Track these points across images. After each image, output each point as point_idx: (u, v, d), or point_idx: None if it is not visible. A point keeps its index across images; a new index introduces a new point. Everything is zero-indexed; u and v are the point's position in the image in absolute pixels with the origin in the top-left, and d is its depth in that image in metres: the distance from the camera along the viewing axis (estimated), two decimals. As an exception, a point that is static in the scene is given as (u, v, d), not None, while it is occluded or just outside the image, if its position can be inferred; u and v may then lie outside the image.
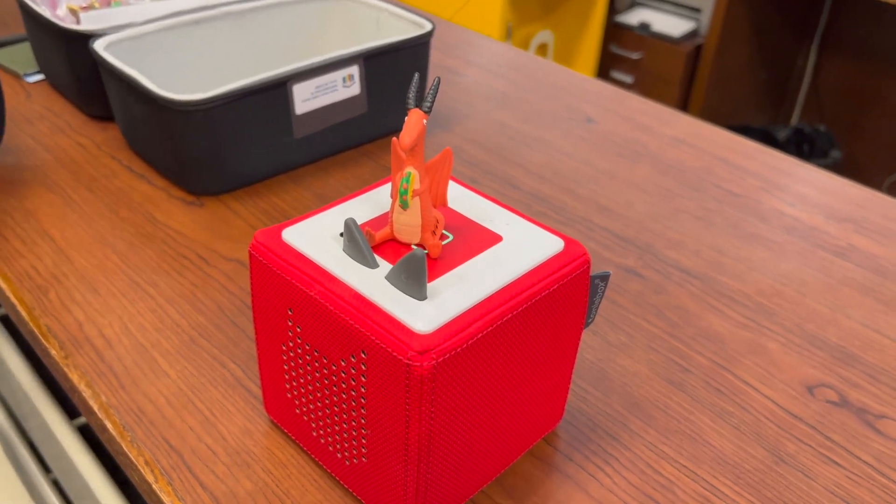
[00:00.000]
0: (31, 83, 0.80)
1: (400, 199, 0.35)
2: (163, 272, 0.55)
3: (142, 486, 0.42)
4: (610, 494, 0.41)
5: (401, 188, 0.35)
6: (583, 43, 2.41)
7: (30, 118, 0.73)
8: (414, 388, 0.33)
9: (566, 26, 2.40)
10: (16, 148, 0.68)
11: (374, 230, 0.38)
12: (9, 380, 0.65)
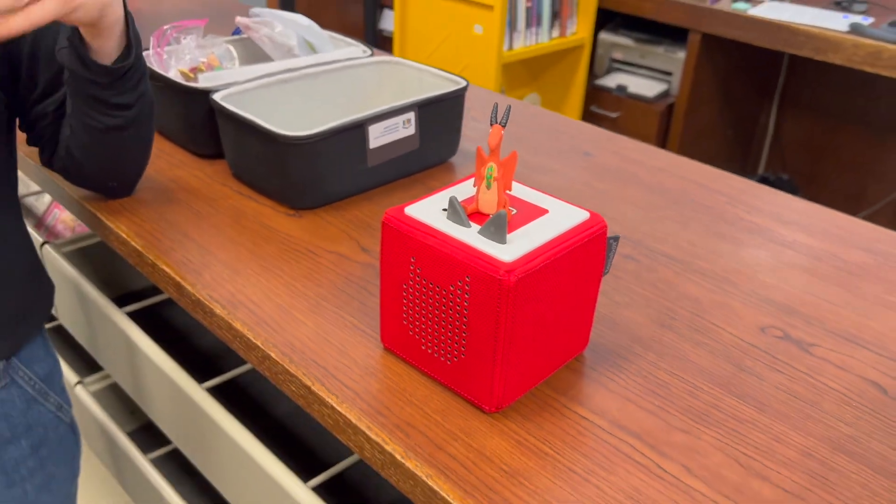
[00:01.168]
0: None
1: (486, 182, 0.55)
2: (284, 261, 0.74)
3: (300, 391, 0.60)
4: (624, 390, 0.60)
5: (487, 175, 0.55)
6: (566, 103, 2.66)
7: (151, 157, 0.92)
8: (503, 297, 0.51)
9: (551, 89, 2.65)
10: (147, 179, 0.87)
11: (465, 206, 0.57)
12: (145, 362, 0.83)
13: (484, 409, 0.57)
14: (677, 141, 2.56)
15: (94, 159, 0.75)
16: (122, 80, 0.69)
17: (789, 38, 2.18)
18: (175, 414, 0.82)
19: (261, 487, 0.71)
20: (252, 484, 0.73)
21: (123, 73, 0.69)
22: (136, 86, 0.72)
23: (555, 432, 0.56)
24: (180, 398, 0.79)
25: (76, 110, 0.71)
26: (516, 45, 2.29)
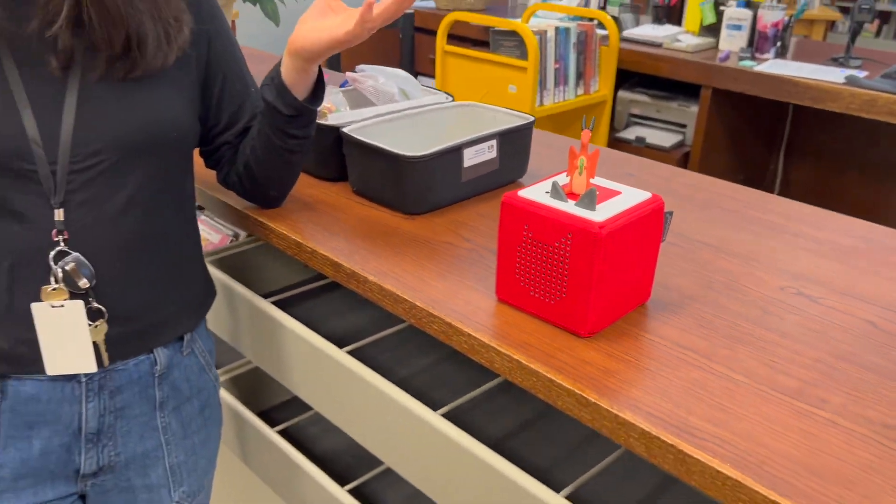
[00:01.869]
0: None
1: (578, 170, 0.78)
2: (409, 248, 0.96)
3: (441, 327, 0.81)
4: (679, 325, 0.81)
5: (579, 164, 0.77)
6: (591, 154, 2.90)
7: (281, 182, 1.16)
8: (597, 247, 0.74)
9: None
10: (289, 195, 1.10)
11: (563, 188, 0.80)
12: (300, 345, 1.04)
13: (580, 334, 0.78)
14: (694, 186, 2.79)
15: (267, 175, 0.99)
16: (307, 115, 0.93)
17: (791, 90, 2.44)
18: (319, 381, 1.03)
19: (398, 427, 0.92)
20: (389, 424, 0.93)
21: (310, 113, 0.93)
22: (312, 122, 0.96)
23: (632, 348, 0.77)
24: (327, 364, 1.00)
25: (265, 136, 0.95)
26: (546, 101, 2.56)
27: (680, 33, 2.91)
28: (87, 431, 0.89)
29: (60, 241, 0.80)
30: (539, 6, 2.92)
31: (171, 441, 0.97)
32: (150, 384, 0.92)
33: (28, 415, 0.86)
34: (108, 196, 0.82)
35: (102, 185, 0.81)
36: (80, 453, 0.89)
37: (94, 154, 0.80)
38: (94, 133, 0.80)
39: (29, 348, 0.83)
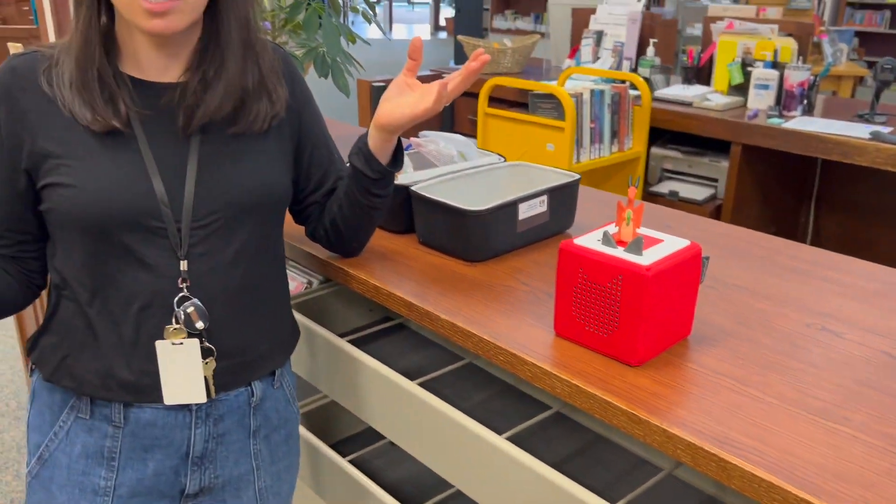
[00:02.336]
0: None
1: (626, 221, 0.90)
2: (474, 291, 1.09)
3: (507, 358, 0.93)
4: (718, 355, 0.92)
5: (627, 217, 0.90)
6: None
7: (354, 234, 1.30)
8: (645, 287, 0.86)
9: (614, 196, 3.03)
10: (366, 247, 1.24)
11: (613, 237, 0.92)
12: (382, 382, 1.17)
13: (630, 363, 0.90)
14: (726, 237, 2.89)
15: (351, 229, 1.13)
16: (388, 178, 1.08)
17: (819, 146, 2.55)
18: (393, 411, 1.15)
19: (466, 451, 1.03)
20: (457, 449, 1.04)
21: (391, 175, 1.08)
22: (391, 183, 1.10)
23: (677, 375, 0.88)
24: (400, 395, 1.12)
25: (352, 196, 1.09)
26: (583, 158, 2.70)
27: (709, 93, 3.05)
28: (194, 455, 1.01)
29: (184, 288, 0.94)
30: (574, 70, 3.09)
31: (261, 466, 1.09)
32: (247, 413, 1.05)
33: (145, 439, 0.99)
34: (221, 248, 0.96)
35: (217, 239, 0.96)
36: (187, 475, 1.02)
37: (212, 213, 0.95)
38: (211, 196, 0.95)
39: (151, 380, 0.96)
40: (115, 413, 0.97)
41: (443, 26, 14.93)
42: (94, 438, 0.98)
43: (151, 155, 0.93)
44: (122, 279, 0.93)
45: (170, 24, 0.88)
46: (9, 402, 2.65)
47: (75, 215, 0.91)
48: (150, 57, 0.94)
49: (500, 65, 3.61)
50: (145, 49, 0.94)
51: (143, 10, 0.86)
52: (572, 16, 3.76)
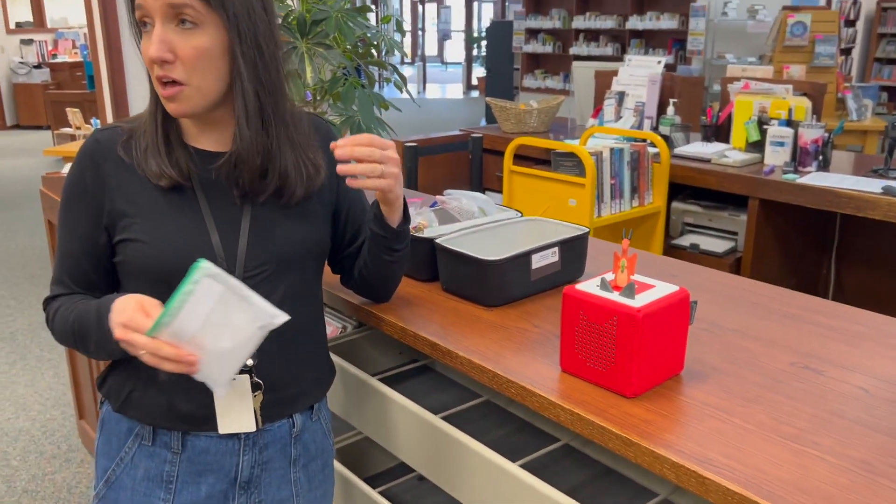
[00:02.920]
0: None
1: (621, 269, 1.03)
2: (490, 332, 1.21)
3: (518, 391, 1.05)
4: (706, 389, 1.03)
5: (621, 265, 1.03)
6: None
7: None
8: (636, 326, 0.98)
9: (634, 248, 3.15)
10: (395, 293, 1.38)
11: (610, 283, 1.05)
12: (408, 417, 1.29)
13: (626, 394, 1.01)
14: (747, 289, 2.98)
15: (377, 279, 1.27)
16: (401, 235, 1.21)
17: (832, 200, 2.65)
18: (420, 443, 1.27)
19: (483, 477, 1.14)
20: (476, 476, 1.16)
21: (404, 232, 1.22)
22: (406, 237, 1.24)
23: (667, 405, 0.99)
24: (427, 428, 1.24)
25: (374, 253, 1.23)
26: (604, 213, 2.83)
27: (727, 150, 3.18)
28: (241, 480, 1.13)
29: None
30: (596, 129, 3.25)
31: (300, 493, 1.21)
32: (288, 443, 1.17)
33: (200, 464, 1.11)
34: (268, 294, 1.10)
35: (265, 287, 1.09)
36: (234, 499, 1.14)
37: (261, 265, 1.09)
38: (261, 250, 1.09)
39: (206, 411, 1.09)
40: (175, 440, 1.10)
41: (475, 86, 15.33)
42: (156, 463, 1.11)
43: (210, 214, 1.08)
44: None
45: (179, 107, 1.01)
46: (60, 444, 2.81)
47: (144, 266, 1.06)
48: (194, 131, 1.10)
49: (526, 124, 3.78)
50: (188, 124, 1.09)
51: (162, 95, 1.02)
52: (596, 77, 3.93)
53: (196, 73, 0.99)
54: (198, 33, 0.98)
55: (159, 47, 0.97)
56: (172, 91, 1.00)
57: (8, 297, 4.26)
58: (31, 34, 10.84)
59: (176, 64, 0.98)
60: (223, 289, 0.90)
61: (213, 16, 0.98)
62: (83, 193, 1.07)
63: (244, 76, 1.02)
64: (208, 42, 0.99)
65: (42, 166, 7.95)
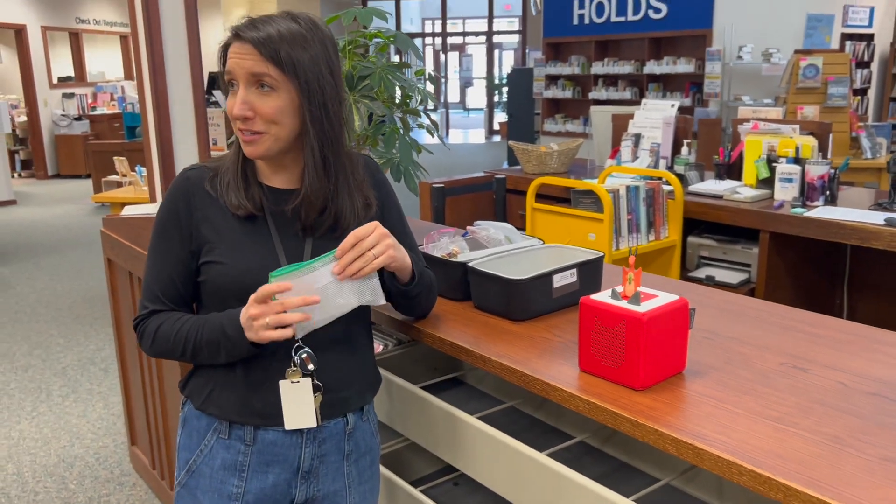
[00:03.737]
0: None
1: (629, 282, 1.21)
2: (516, 342, 1.39)
3: (543, 387, 1.23)
4: (705, 383, 1.20)
5: (629, 278, 1.21)
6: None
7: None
8: (642, 329, 1.16)
9: (650, 281, 3.31)
10: (433, 313, 1.56)
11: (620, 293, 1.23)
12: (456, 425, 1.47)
13: (634, 387, 1.18)
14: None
15: (408, 309, 1.45)
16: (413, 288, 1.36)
17: (838, 232, 2.81)
18: (459, 442, 1.44)
19: (515, 468, 1.31)
20: (510, 467, 1.32)
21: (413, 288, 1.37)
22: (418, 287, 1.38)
23: (670, 396, 1.16)
24: (461, 427, 1.41)
25: (395, 300, 1.40)
26: (622, 246, 3.01)
27: (739, 186, 3.35)
28: (303, 470, 1.31)
29: (299, 340, 1.26)
30: (613, 169, 3.44)
31: (351, 485, 1.38)
32: (342, 439, 1.35)
33: (268, 455, 1.29)
34: None
35: None
36: (296, 487, 1.32)
37: None
38: None
39: (275, 409, 1.27)
40: (248, 434, 1.28)
41: (497, 130, 15.68)
42: (231, 454, 1.29)
43: (280, 242, 1.28)
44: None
45: (256, 150, 1.22)
46: (113, 469, 3.00)
47: (223, 284, 1.26)
48: (267, 171, 1.30)
49: (547, 165, 3.99)
50: (262, 165, 1.30)
51: (242, 140, 1.22)
52: (613, 120, 4.15)
53: (272, 126, 1.20)
54: (274, 96, 1.19)
55: (242, 107, 1.19)
56: (251, 138, 1.21)
57: (57, 336, 4.50)
58: (73, 88, 11.37)
59: (255, 119, 1.20)
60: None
61: (287, 82, 1.19)
62: (176, 222, 1.28)
63: (311, 132, 1.23)
64: (283, 103, 1.20)
65: (83, 213, 8.30)
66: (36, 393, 3.70)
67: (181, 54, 4.14)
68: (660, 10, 8.20)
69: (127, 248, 2.52)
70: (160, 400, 2.52)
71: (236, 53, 1.19)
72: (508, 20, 17.61)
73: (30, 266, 6.11)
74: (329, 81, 1.22)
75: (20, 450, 3.15)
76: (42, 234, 7.36)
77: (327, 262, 1.18)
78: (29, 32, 10.58)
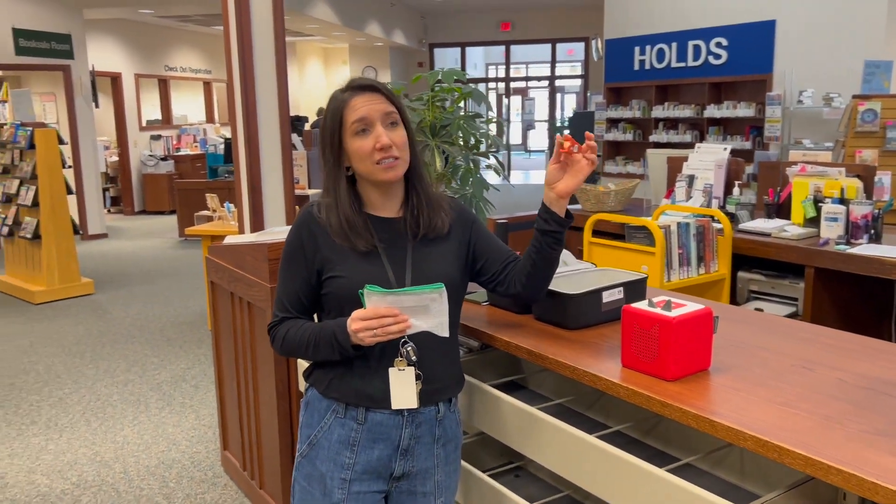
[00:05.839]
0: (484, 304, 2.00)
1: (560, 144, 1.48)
2: (574, 345, 1.67)
3: (584, 376, 1.50)
4: (727, 375, 1.46)
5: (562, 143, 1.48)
6: (715, 323, 3.50)
7: (485, 314, 1.92)
8: (672, 330, 1.43)
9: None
10: (504, 325, 1.86)
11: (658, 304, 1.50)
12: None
13: (666, 378, 1.45)
14: (808, 349, 3.29)
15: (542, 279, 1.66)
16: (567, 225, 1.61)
17: (878, 267, 3.00)
18: (522, 430, 1.72)
19: (580, 454, 1.57)
20: (574, 454, 1.59)
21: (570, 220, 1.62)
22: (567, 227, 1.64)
23: (696, 385, 1.42)
24: (527, 418, 1.68)
25: (543, 252, 1.61)
26: (673, 278, 3.24)
27: (787, 225, 3.56)
28: (402, 448, 1.59)
29: (405, 336, 1.55)
30: (666, 207, 3.69)
31: (439, 465, 1.65)
32: (434, 424, 1.63)
33: (375, 433, 1.58)
34: None
35: None
36: (396, 461, 1.60)
37: None
38: (421, 279, 1.58)
39: (383, 395, 1.56)
40: (360, 414, 1.58)
41: (558, 171, 15.91)
42: (345, 431, 1.58)
43: (386, 255, 1.58)
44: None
45: (396, 173, 1.54)
46: (206, 472, 3.34)
47: (342, 294, 1.56)
48: (379, 201, 1.62)
49: (605, 204, 4.26)
50: (376, 196, 1.62)
51: (380, 169, 1.54)
52: (668, 162, 4.40)
53: (403, 151, 1.55)
54: (399, 129, 1.55)
55: (386, 140, 1.52)
56: (393, 164, 1.54)
57: (151, 356, 4.93)
58: (159, 130, 12.19)
59: (393, 147, 1.53)
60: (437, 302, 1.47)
61: (401, 120, 1.56)
62: (301, 248, 1.60)
63: (413, 161, 1.58)
64: (404, 135, 1.56)
65: (168, 246, 8.90)
66: (136, 404, 4.11)
67: (271, 100, 4.58)
68: (720, 56, 8.43)
69: (230, 271, 2.89)
70: (255, 408, 2.85)
71: (367, 102, 1.53)
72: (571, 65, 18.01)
73: (123, 293, 6.64)
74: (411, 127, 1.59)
75: (125, 452, 3.53)
76: (132, 264, 7.94)
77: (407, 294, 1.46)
78: (123, 80, 11.44)
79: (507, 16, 15.48)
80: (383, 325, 1.44)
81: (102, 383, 4.46)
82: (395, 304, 1.44)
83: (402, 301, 1.44)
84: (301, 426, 1.65)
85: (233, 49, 4.38)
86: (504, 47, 16.23)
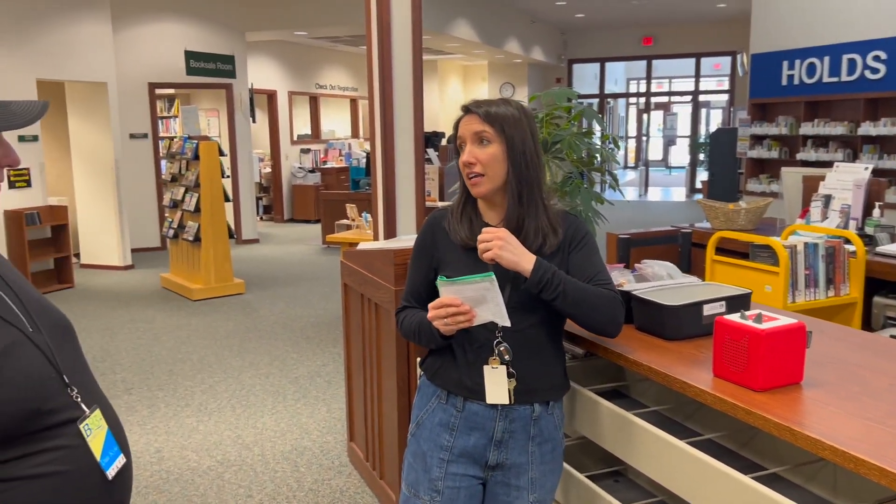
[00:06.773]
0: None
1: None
2: (670, 353, 1.74)
3: (675, 383, 1.57)
4: (815, 388, 1.48)
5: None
6: (846, 348, 3.37)
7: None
8: (761, 342, 1.48)
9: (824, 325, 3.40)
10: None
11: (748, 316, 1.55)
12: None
13: (754, 388, 1.49)
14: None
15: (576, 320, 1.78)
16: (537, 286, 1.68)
17: None
18: (619, 435, 1.80)
19: (673, 460, 1.65)
20: (666, 459, 1.66)
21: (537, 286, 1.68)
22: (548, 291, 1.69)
23: (783, 397, 1.46)
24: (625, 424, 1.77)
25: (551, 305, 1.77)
26: (798, 299, 3.17)
27: (930, 249, 3.37)
28: (495, 439, 1.73)
29: (500, 337, 1.69)
30: (796, 227, 3.60)
31: (533, 462, 1.77)
32: (528, 423, 1.75)
33: (471, 422, 1.73)
34: (521, 321, 1.69)
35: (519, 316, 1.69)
36: (490, 450, 1.74)
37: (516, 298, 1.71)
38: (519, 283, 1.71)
39: (479, 387, 1.71)
40: (459, 403, 1.73)
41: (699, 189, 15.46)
42: (446, 416, 1.74)
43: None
44: (472, 330, 1.70)
45: (478, 190, 1.68)
46: (333, 460, 3.60)
47: None
48: (485, 209, 1.77)
49: (735, 223, 4.19)
50: (483, 204, 1.77)
51: (470, 183, 1.69)
52: (803, 182, 4.27)
53: (488, 168, 1.68)
54: (490, 147, 1.67)
55: (468, 157, 1.68)
56: (475, 180, 1.69)
57: (291, 352, 5.32)
58: (309, 144, 12.97)
59: (477, 164, 1.68)
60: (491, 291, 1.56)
61: (497, 137, 1.67)
62: (425, 248, 1.79)
63: (512, 175, 1.69)
64: (495, 151, 1.67)
65: (312, 252, 9.47)
66: (275, 395, 4.47)
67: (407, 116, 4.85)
68: (878, 70, 7.96)
69: (361, 274, 3.13)
70: (378, 403, 3.06)
71: (465, 123, 1.70)
72: (717, 79, 17.44)
73: (270, 294, 7.17)
74: (530, 142, 1.69)
75: (263, 438, 3.86)
76: (279, 268, 8.53)
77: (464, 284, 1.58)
78: (278, 97, 12.30)
79: (649, 30, 15.25)
80: (450, 314, 1.59)
81: (247, 374, 4.87)
82: (458, 293, 1.58)
83: (462, 291, 1.58)
84: (413, 408, 1.83)
85: (374, 67, 4.69)
86: (646, 62, 15.97)
